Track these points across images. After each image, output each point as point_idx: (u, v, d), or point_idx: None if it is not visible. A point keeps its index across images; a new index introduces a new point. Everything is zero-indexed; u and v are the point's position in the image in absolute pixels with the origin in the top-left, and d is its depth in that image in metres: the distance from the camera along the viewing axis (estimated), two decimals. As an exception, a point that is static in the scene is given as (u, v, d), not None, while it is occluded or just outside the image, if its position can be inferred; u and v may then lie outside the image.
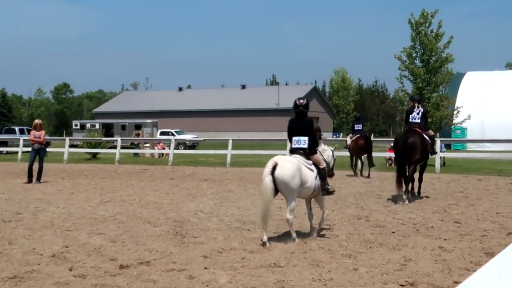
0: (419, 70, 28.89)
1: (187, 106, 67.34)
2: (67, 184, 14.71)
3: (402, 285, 5.17)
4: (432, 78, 29.04)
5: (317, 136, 8.55)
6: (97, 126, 49.24)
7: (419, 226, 8.21)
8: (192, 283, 5.27)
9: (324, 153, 7.94)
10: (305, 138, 7.47)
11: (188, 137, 42.56)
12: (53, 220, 8.83)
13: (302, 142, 7.48)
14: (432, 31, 28.97)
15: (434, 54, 29.00)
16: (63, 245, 6.92)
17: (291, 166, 6.96)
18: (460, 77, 41.30)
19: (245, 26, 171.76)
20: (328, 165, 7.79)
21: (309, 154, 7.44)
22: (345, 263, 5.97)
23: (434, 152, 13.23)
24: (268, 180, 6.83)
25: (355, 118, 19.69)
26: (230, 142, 22.25)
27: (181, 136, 43.31)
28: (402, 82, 30.06)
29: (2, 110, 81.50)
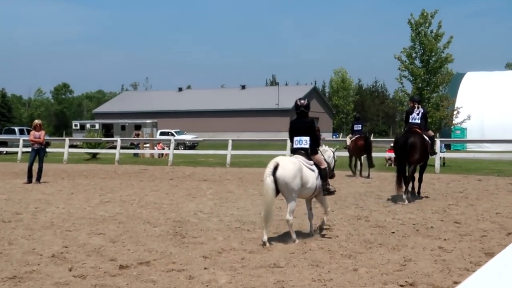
0: (419, 70, 28.90)
1: (187, 107, 67.32)
2: (67, 184, 14.71)
3: (401, 285, 5.18)
4: (432, 78, 29.06)
5: (316, 136, 8.56)
6: (97, 127, 49.25)
7: (419, 226, 8.21)
8: (191, 284, 5.27)
9: (324, 153, 7.96)
10: (306, 138, 7.48)
11: (187, 137, 42.57)
12: (52, 220, 8.83)
13: (303, 142, 7.49)
14: (432, 31, 28.99)
15: (434, 54, 29.02)
16: (63, 245, 6.93)
17: (293, 166, 6.97)
18: (460, 77, 41.30)
19: (244, 26, 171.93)
20: (329, 165, 7.80)
21: (310, 154, 7.45)
22: (344, 264, 5.97)
23: (434, 152, 13.25)
24: (269, 180, 6.85)
25: (355, 118, 19.70)
26: (229, 143, 22.25)
27: (180, 136, 43.32)
28: (402, 83, 30.10)
29: (2, 110, 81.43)
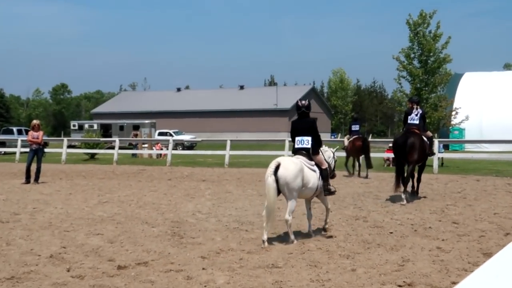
0: (417, 70, 28.97)
1: (185, 107, 67.27)
2: (65, 184, 14.69)
3: (400, 285, 5.18)
4: (430, 78, 29.13)
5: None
6: (95, 127, 49.15)
7: (417, 226, 8.22)
8: (190, 284, 5.27)
9: (324, 153, 8.01)
10: (308, 138, 7.52)
11: (186, 137, 42.51)
12: (51, 220, 8.82)
13: (305, 142, 7.52)
14: (430, 32, 29.07)
15: (432, 54, 29.10)
16: (61, 245, 6.92)
17: (294, 166, 7.01)
18: (458, 77, 41.34)
19: (243, 26, 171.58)
20: (329, 165, 7.84)
21: (312, 154, 7.48)
22: (343, 264, 5.98)
23: (433, 153, 13.28)
24: (271, 180, 6.90)
25: (353, 118, 19.71)
26: (228, 143, 22.25)
27: (179, 136, 43.26)
28: (400, 83, 30.22)
29: (0, 110, 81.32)
